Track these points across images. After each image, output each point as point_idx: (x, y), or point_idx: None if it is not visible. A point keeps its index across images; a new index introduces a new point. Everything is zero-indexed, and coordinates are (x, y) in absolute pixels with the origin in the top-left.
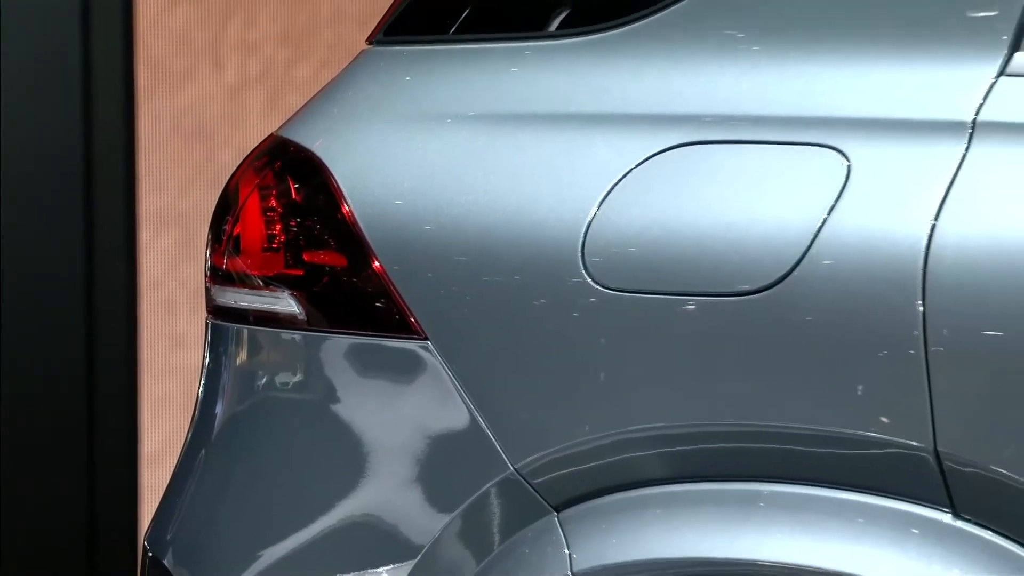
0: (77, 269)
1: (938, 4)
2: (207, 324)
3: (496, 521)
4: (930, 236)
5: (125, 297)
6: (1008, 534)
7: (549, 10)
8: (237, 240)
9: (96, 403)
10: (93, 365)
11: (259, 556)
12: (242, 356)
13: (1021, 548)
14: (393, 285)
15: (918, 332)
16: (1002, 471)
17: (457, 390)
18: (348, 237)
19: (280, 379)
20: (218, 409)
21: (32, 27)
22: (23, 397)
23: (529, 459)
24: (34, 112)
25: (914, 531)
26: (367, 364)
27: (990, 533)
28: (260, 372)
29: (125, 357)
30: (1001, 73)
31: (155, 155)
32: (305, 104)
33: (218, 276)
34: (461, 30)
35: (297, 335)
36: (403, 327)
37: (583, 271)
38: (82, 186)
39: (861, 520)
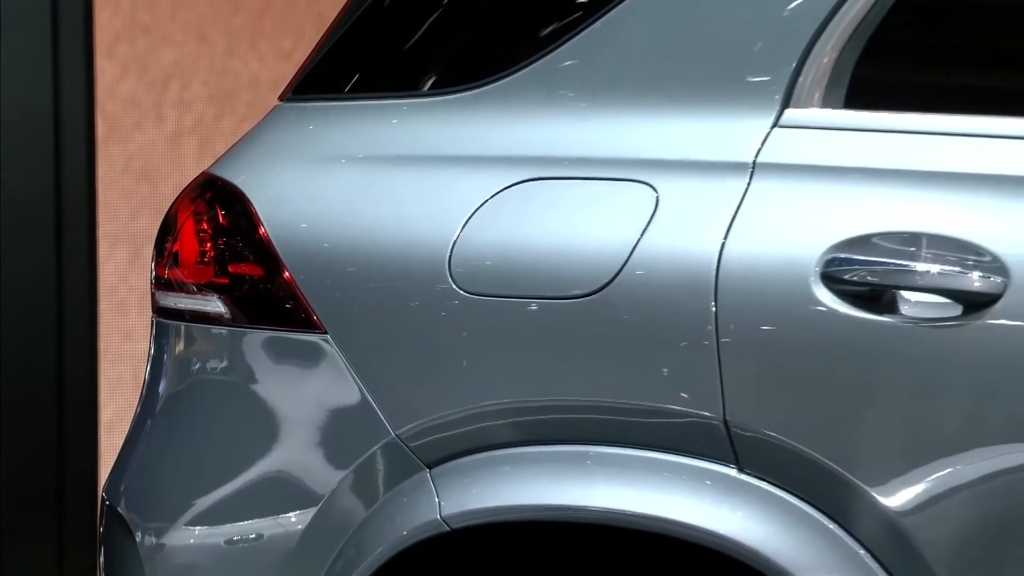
0: (50, 278)
1: (726, 70)
2: (152, 321)
3: (381, 476)
4: (720, 252)
5: (88, 300)
6: (780, 484)
7: (421, 74)
8: (176, 255)
9: (64, 382)
10: (62, 352)
11: (193, 504)
12: (180, 347)
13: (789, 495)
14: (300, 290)
15: (711, 327)
16: (775, 435)
17: (350, 373)
18: (264, 253)
19: (210, 365)
20: (161, 388)
21: (16, 93)
22: (5, 378)
23: (407, 427)
24: (17, 157)
25: (707, 483)
26: (279, 353)
27: (766, 484)
28: (194, 359)
29: (88, 347)
30: (775, 125)
31: (110, 190)
32: (229, 149)
33: (161, 283)
34: (352, 90)
35: (224, 330)
36: (307, 324)
37: (449, 279)
38: (54, 213)
39: (667, 474)
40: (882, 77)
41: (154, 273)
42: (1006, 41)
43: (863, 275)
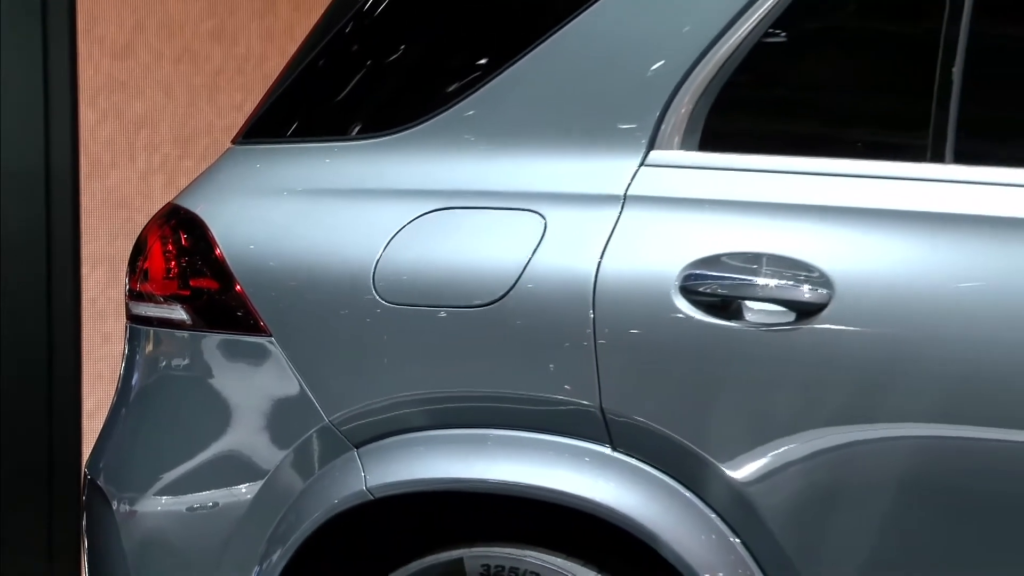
0: (42, 290)
1: (601, 119)
2: (127, 327)
3: (316, 455)
4: (598, 268)
5: (72, 309)
6: (647, 460)
7: (348, 122)
8: (146, 272)
9: (53, 377)
10: (52, 352)
11: (160, 477)
12: (149, 348)
13: (654, 469)
14: (249, 301)
15: (590, 331)
16: (643, 420)
17: (290, 370)
18: (219, 270)
19: (174, 362)
20: (134, 382)
21: (13, 136)
22: (4, 374)
23: (338, 414)
24: (14, 190)
25: (586, 459)
26: (231, 352)
27: (635, 460)
28: (161, 358)
29: (72, 348)
30: (641, 164)
31: (92, 217)
32: (190, 183)
33: (134, 295)
34: (292, 135)
35: (185, 334)
36: (255, 328)
37: (373, 291)
38: (45, 236)
39: (553, 452)
40: (728, 125)
41: (128, 286)
42: (825, 98)
43: (714, 288)
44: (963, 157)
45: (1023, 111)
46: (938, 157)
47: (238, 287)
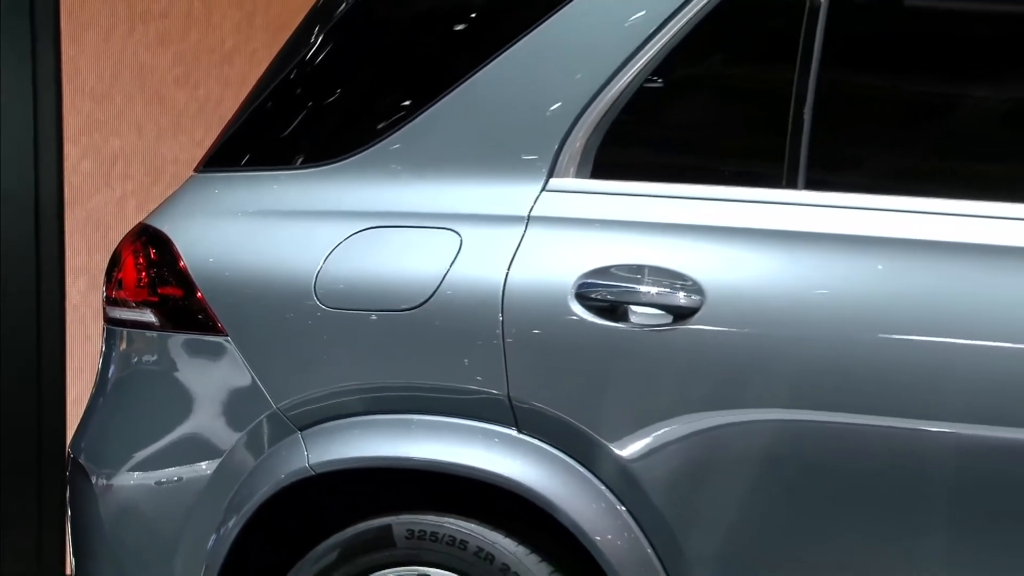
0: (31, 299)
1: (509, 152)
2: (104, 328)
3: (266, 437)
4: (506, 278)
5: (58, 314)
6: (547, 440)
7: (293, 154)
8: (120, 281)
9: (42, 372)
10: (40, 351)
11: (132, 456)
12: (123, 346)
13: (554, 448)
14: (208, 306)
15: (499, 331)
16: (544, 406)
17: (244, 364)
18: (183, 279)
19: (145, 358)
20: (110, 375)
21: (7, 169)
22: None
23: (284, 402)
24: (7, 214)
25: (496, 440)
26: (193, 350)
27: (538, 441)
28: (133, 355)
29: (58, 347)
30: (543, 189)
31: (74, 236)
32: (158, 206)
33: (110, 301)
34: (245, 165)
35: (154, 334)
36: (214, 329)
37: (315, 297)
38: (35, 253)
39: (467, 435)
40: (615, 157)
41: (105, 294)
42: (696, 134)
43: (604, 294)
44: (813, 184)
45: (862, 146)
46: (792, 184)
47: (199, 294)
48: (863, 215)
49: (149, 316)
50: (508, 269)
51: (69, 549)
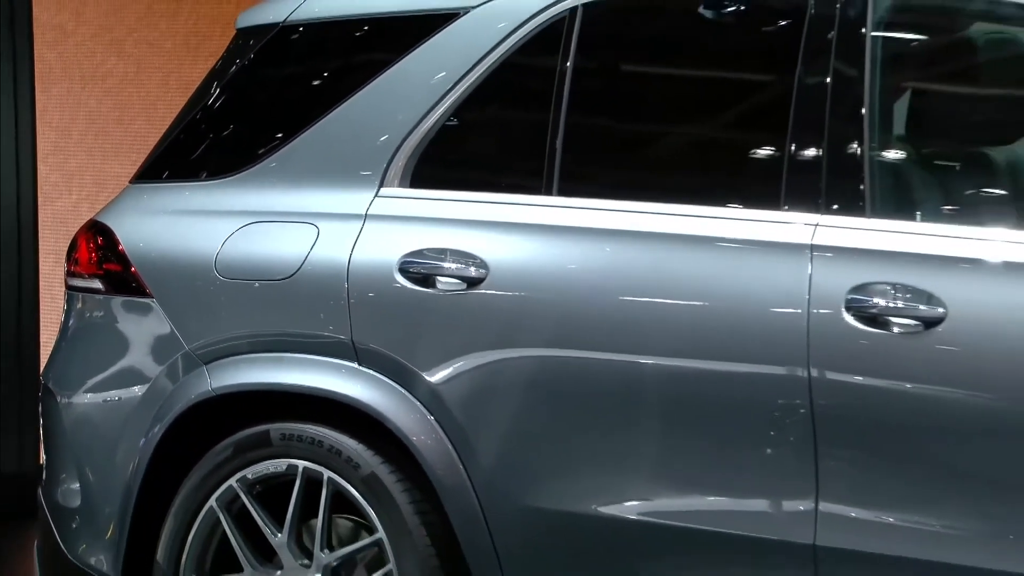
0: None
1: (352, 167)
2: (66, 293)
3: (180, 369)
4: (350, 257)
5: (33, 282)
6: (379, 371)
7: (199, 170)
8: (77, 260)
9: (22, 322)
10: (20, 307)
11: (85, 382)
12: (79, 304)
13: (385, 376)
14: (140, 277)
15: (345, 295)
16: (377, 347)
17: (165, 318)
18: (122, 259)
19: (94, 314)
20: (70, 325)
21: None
22: None
23: (194, 344)
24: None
25: (343, 371)
26: (129, 308)
27: (372, 371)
28: (85, 311)
29: (34, 305)
30: (376, 196)
31: (45, 229)
32: (104, 207)
33: (69, 274)
34: (166, 178)
35: (101, 296)
36: (144, 293)
37: (215, 271)
38: (17, 241)
39: (323, 367)
40: (428, 172)
41: (67, 269)
42: (483, 157)
43: (419, 269)
44: (562, 192)
45: (594, 167)
46: (549, 191)
47: (133, 269)
48: (595, 213)
49: (97, 284)
50: (352, 251)
51: (42, 447)
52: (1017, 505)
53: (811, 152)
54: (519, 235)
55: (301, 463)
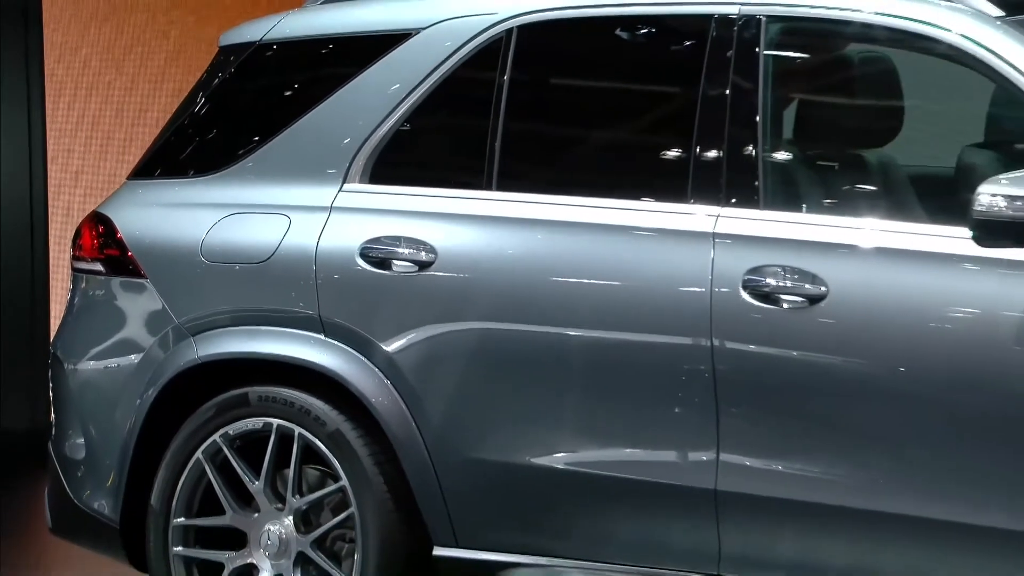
0: (29, 256)
1: (319, 166)
2: (71, 274)
3: (171, 340)
4: (317, 244)
5: (44, 265)
6: (343, 341)
7: (187, 168)
8: (81, 246)
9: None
10: (33, 286)
11: (89, 351)
12: (83, 285)
13: (347, 345)
14: (136, 261)
15: (313, 276)
16: (340, 320)
17: (158, 296)
18: (120, 245)
19: (96, 293)
20: (75, 302)
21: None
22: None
23: (183, 319)
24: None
25: (312, 342)
26: (126, 288)
27: (337, 341)
28: (89, 290)
29: (44, 285)
30: (340, 190)
31: (55, 219)
32: (105, 200)
33: (75, 258)
34: (158, 176)
35: (102, 277)
36: (139, 275)
37: (200, 256)
38: (30, 230)
39: (294, 339)
40: (386, 170)
41: (72, 253)
42: (436, 157)
43: (377, 254)
44: (501, 187)
45: (529, 166)
46: (489, 187)
47: (130, 253)
48: (530, 205)
49: (99, 267)
50: (319, 238)
51: (52, 407)
52: (883, 454)
53: (713, 153)
54: (464, 225)
55: (275, 421)
